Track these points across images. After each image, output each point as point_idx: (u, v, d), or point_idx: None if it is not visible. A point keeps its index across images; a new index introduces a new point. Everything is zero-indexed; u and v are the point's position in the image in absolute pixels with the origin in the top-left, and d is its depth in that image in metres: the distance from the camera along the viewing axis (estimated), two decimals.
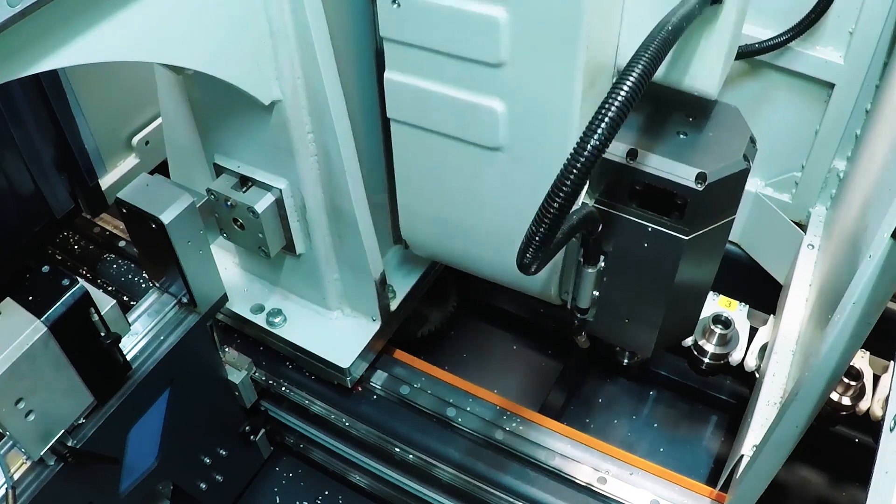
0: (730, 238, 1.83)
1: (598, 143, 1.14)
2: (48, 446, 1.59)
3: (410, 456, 2.09)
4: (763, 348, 2.23)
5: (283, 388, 2.21)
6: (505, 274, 1.81)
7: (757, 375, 2.20)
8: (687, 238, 1.48)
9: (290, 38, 1.58)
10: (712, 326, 2.25)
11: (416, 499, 2.20)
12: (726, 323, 2.25)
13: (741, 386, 2.55)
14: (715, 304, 2.34)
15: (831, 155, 2.11)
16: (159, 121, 2.36)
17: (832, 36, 1.91)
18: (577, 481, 2.00)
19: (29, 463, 1.63)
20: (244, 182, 1.89)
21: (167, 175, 2.28)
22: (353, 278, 2.08)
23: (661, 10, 1.31)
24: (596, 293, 1.69)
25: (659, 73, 1.39)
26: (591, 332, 1.84)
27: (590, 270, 1.64)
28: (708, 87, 1.47)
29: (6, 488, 1.54)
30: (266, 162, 1.86)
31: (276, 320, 2.17)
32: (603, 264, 1.63)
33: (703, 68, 1.44)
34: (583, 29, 1.33)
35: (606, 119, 1.14)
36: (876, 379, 2.13)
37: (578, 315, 1.77)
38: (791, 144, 2.15)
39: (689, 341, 2.33)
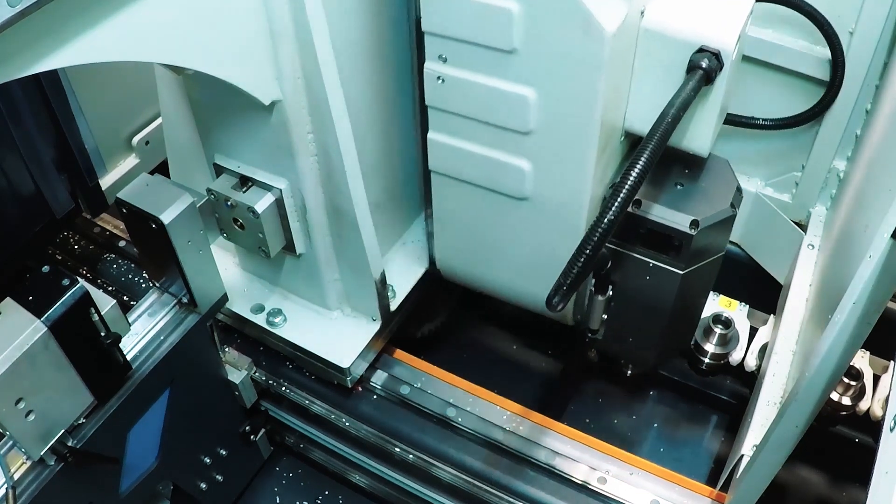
0: (730, 238, 1.88)
1: (613, 216, 1.40)
2: (48, 446, 1.59)
3: (410, 456, 2.09)
4: (763, 348, 2.23)
5: (284, 388, 2.21)
6: (528, 300, 2.05)
7: (757, 375, 2.20)
8: (682, 273, 1.75)
9: (290, 38, 1.58)
10: (712, 326, 2.25)
11: (416, 499, 2.20)
12: (726, 323, 2.26)
13: (741, 386, 2.54)
14: (715, 304, 2.34)
15: (831, 155, 2.11)
16: (159, 121, 2.37)
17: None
18: (576, 481, 2.00)
19: (29, 463, 1.63)
20: (244, 182, 1.89)
21: (167, 175, 2.28)
22: (353, 278, 2.08)
23: (661, 86, 1.60)
24: (604, 316, 1.95)
25: None
26: (599, 348, 2.11)
27: (600, 298, 1.90)
28: (701, 149, 1.73)
29: (6, 488, 1.54)
30: (266, 162, 1.86)
31: (276, 320, 2.17)
32: (611, 293, 1.88)
33: (697, 134, 1.70)
34: (599, 107, 1.56)
35: (618, 200, 1.39)
36: (876, 379, 2.13)
37: (589, 334, 2.01)
38: (791, 144, 2.16)
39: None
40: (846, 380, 2.08)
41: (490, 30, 1.54)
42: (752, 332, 2.29)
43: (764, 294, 2.33)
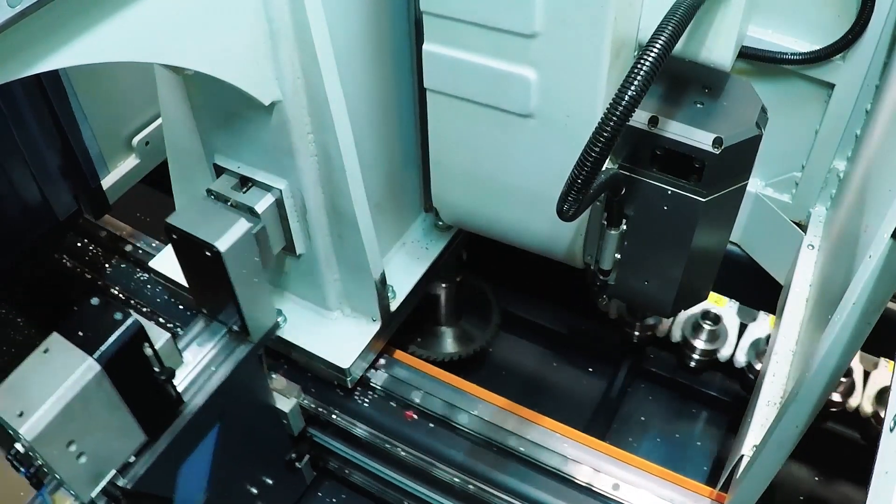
0: (730, 238, 1.86)
1: (634, 93, 1.25)
2: (99, 488, 1.52)
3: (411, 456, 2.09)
4: (754, 344, 2.22)
5: (333, 416, 2.17)
6: (533, 237, 1.90)
7: (748, 373, 2.19)
8: (704, 200, 1.57)
9: (290, 38, 1.58)
10: (701, 322, 2.24)
11: (417, 499, 2.20)
12: (715, 319, 2.24)
13: (741, 386, 2.55)
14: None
15: (831, 155, 2.11)
16: (159, 121, 2.37)
17: (832, 36, 1.91)
18: (577, 481, 2.00)
19: None
20: (244, 182, 1.89)
21: (167, 175, 2.28)
22: (353, 278, 2.08)
23: None
24: (618, 255, 1.78)
25: (678, 48, 1.48)
26: (612, 294, 1.92)
27: (612, 232, 1.72)
28: (722, 59, 1.57)
29: None
30: (266, 162, 1.86)
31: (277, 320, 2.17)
32: (625, 227, 1.71)
33: (718, 42, 1.56)
34: (612, 2, 1.43)
35: (642, 73, 1.26)
36: (866, 375, 2.13)
37: (601, 277, 1.85)
38: (791, 144, 2.15)
39: (677, 336, 2.31)
40: None
41: None
42: (742, 328, 2.30)
43: (764, 294, 2.33)
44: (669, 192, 1.59)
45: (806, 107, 2.06)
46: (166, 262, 2.34)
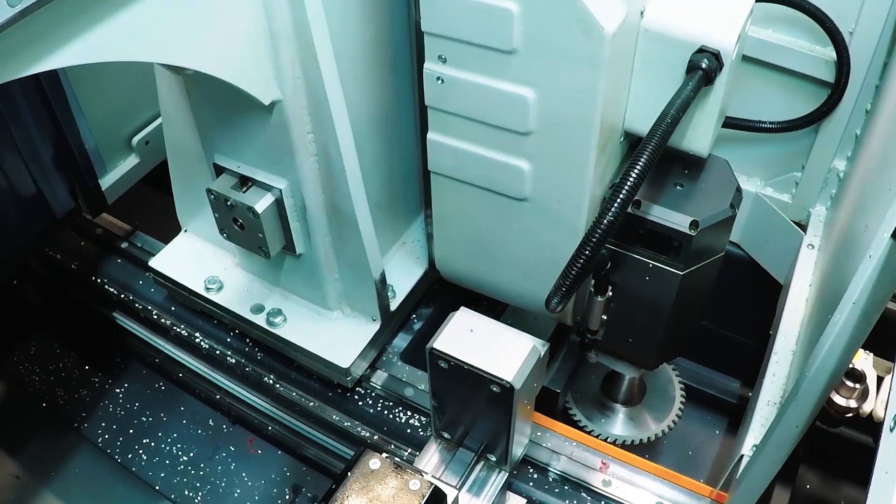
0: (730, 238, 1.87)
1: (612, 217, 1.40)
2: None
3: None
4: None
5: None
6: (527, 301, 2.05)
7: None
8: (682, 273, 1.74)
9: (290, 38, 1.58)
10: None
11: None
12: None
13: (741, 386, 2.55)
14: None
15: (831, 155, 2.11)
16: (159, 121, 2.37)
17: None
18: (578, 481, 2.00)
19: None
20: (244, 182, 1.89)
21: (167, 175, 2.28)
22: (353, 278, 2.08)
23: (661, 85, 1.60)
24: (604, 317, 1.93)
25: None
26: (599, 349, 2.08)
27: (599, 299, 1.88)
28: (700, 149, 1.73)
29: None
30: (266, 162, 1.86)
31: (276, 320, 2.17)
32: (610, 293, 1.86)
33: (697, 134, 1.70)
34: (598, 108, 1.56)
35: (618, 201, 1.40)
36: (880, 381, 2.12)
37: (589, 335, 2.00)
38: (791, 144, 2.16)
39: None
40: (849, 382, 2.07)
41: (489, 30, 1.55)
42: None
43: (764, 294, 2.33)
44: (650, 266, 1.76)
45: (806, 107, 2.07)
46: (166, 262, 2.34)
